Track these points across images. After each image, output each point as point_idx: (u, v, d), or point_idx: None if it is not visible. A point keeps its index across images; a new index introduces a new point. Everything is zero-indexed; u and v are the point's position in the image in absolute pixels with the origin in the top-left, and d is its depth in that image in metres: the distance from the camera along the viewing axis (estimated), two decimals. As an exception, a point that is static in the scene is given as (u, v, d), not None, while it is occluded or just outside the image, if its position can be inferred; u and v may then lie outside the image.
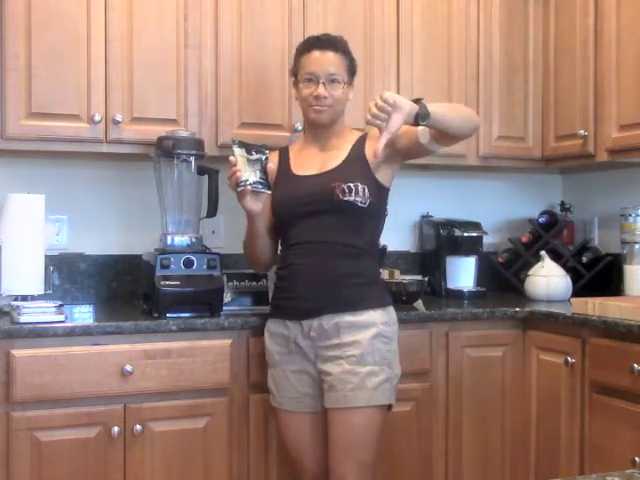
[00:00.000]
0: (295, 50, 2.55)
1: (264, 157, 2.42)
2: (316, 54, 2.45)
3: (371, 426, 2.35)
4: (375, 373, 2.34)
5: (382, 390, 2.35)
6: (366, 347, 2.34)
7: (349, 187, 2.36)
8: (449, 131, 2.34)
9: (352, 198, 2.36)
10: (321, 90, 2.41)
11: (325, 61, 2.44)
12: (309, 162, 2.49)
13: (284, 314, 2.43)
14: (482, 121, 3.24)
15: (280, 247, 2.56)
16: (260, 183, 2.40)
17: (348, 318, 2.35)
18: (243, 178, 2.38)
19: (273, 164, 2.47)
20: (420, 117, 2.23)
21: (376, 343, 2.35)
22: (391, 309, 2.46)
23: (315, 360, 2.39)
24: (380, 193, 2.45)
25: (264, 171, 2.41)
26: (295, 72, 2.51)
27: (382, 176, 2.45)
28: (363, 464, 2.35)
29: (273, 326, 2.47)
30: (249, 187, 2.38)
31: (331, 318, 2.35)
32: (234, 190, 2.41)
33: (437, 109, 2.27)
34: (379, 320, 2.38)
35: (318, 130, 2.51)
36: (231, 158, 2.40)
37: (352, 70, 2.51)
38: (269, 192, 2.42)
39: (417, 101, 2.25)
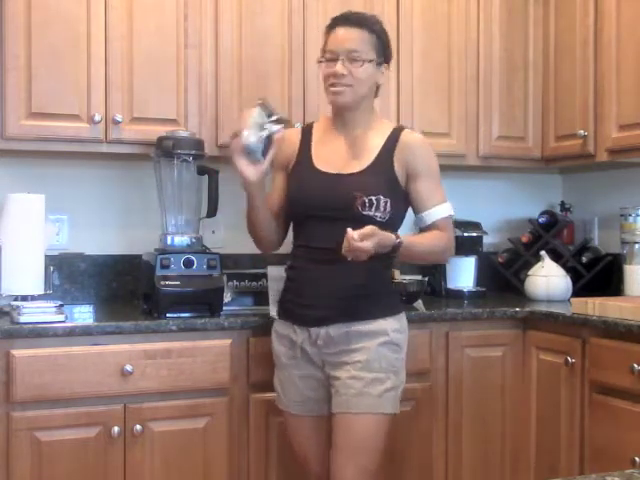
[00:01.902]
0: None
1: (276, 131, 2.25)
2: (340, 31, 2.30)
3: (374, 433, 2.28)
4: (381, 380, 2.27)
5: (386, 398, 2.28)
6: (373, 353, 2.27)
7: (370, 201, 2.26)
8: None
9: (372, 213, 2.26)
10: (338, 67, 2.26)
11: (346, 38, 2.28)
12: (333, 155, 2.36)
13: (292, 319, 2.37)
14: (482, 121, 3.27)
15: (292, 241, 2.45)
16: (256, 147, 2.23)
17: (359, 327, 2.29)
18: (244, 133, 2.22)
19: (287, 146, 2.37)
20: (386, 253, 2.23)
21: (384, 350, 2.29)
22: (402, 316, 2.39)
23: (322, 365, 2.33)
24: (404, 206, 2.37)
25: (268, 143, 2.24)
26: (323, 51, 2.38)
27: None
28: (365, 471, 2.28)
29: (281, 328, 2.41)
30: (243, 142, 2.21)
31: (341, 327, 2.29)
32: (230, 140, 2.27)
33: (408, 252, 2.27)
34: (390, 328, 2.31)
35: (342, 116, 2.36)
36: (245, 112, 2.27)
37: (382, 49, 2.34)
38: (259, 159, 2.24)
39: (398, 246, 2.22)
